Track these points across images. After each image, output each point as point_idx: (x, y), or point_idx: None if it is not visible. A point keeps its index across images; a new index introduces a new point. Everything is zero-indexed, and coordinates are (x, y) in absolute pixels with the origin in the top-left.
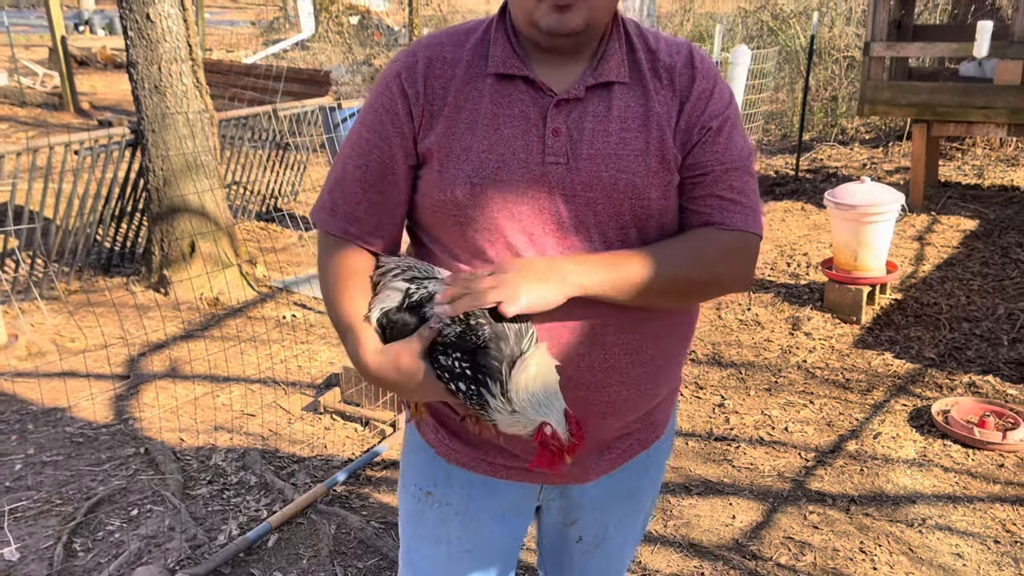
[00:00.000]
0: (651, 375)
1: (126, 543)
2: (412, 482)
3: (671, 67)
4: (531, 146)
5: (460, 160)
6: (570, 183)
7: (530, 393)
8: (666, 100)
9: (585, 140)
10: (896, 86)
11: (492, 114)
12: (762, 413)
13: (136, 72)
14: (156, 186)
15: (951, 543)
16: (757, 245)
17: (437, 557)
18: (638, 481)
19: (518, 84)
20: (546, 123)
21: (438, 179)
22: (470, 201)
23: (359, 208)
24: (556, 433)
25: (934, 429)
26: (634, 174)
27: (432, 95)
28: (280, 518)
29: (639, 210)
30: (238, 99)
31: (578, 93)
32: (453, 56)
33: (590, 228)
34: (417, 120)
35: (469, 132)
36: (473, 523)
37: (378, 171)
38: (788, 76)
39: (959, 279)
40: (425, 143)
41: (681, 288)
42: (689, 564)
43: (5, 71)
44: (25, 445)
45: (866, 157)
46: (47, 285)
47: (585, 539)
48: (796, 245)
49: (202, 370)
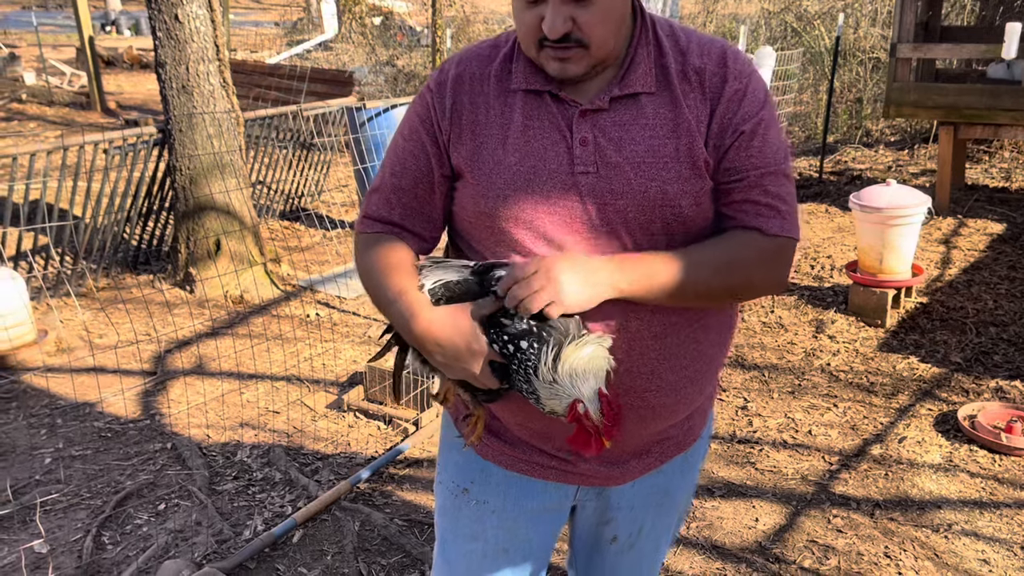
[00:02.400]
0: (690, 380)
1: (154, 537)
2: (450, 478)
3: (701, 70)
4: (560, 157)
5: (492, 174)
6: (600, 191)
7: (573, 367)
8: (695, 104)
9: (612, 148)
10: (923, 88)
11: (522, 127)
12: (785, 416)
13: (164, 72)
14: (183, 185)
15: (977, 549)
16: (793, 249)
17: (473, 555)
18: (674, 483)
19: (544, 98)
20: (573, 134)
21: (472, 192)
22: (503, 212)
23: (394, 213)
24: (588, 412)
25: (960, 434)
26: (665, 181)
27: (461, 109)
28: (305, 514)
29: (670, 217)
30: (262, 99)
31: (602, 104)
32: (482, 71)
33: (621, 235)
34: (446, 132)
35: (500, 146)
36: (509, 522)
37: (413, 177)
38: (812, 77)
39: (986, 283)
40: (456, 157)
41: (715, 291)
42: (712, 566)
43: (33, 71)
44: (55, 439)
45: (891, 159)
46: (76, 282)
47: (620, 539)
48: (820, 248)
49: (228, 367)
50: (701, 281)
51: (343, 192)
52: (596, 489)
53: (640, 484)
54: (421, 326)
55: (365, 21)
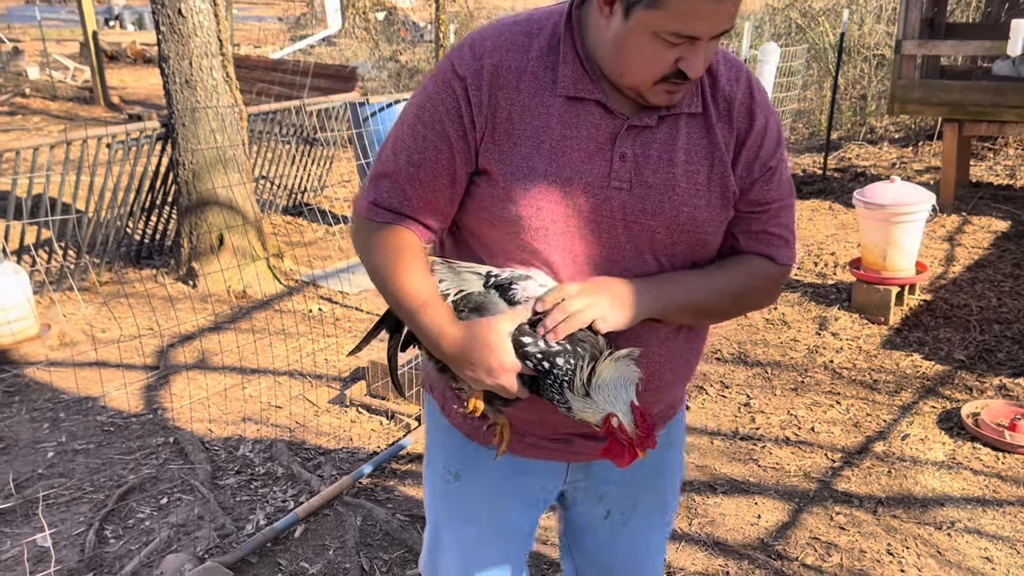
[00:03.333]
0: (683, 377)
1: (156, 531)
2: (440, 463)
3: (730, 98)
4: (597, 169)
5: (525, 180)
6: (632, 209)
7: (606, 382)
8: (724, 132)
9: (650, 168)
10: (928, 84)
11: (560, 135)
12: (788, 413)
13: (167, 67)
14: (185, 179)
15: (980, 546)
16: (790, 273)
17: (468, 539)
18: (658, 455)
19: (589, 106)
20: (615, 147)
21: (501, 195)
22: (532, 222)
23: (407, 204)
24: (623, 425)
25: (964, 432)
26: (696, 208)
27: (496, 106)
28: (307, 509)
29: (695, 242)
30: (265, 94)
31: (651, 121)
32: (519, 65)
33: (645, 253)
34: (480, 130)
35: (535, 152)
36: (502, 504)
37: (433, 170)
38: (816, 74)
39: (990, 280)
40: (487, 157)
41: (730, 312)
42: (714, 563)
43: (37, 65)
44: (57, 433)
45: (895, 156)
46: (79, 276)
47: (613, 515)
48: (824, 244)
49: (230, 362)
50: (721, 305)
51: (346, 187)
52: (584, 466)
53: None
54: (451, 343)
55: (368, 16)
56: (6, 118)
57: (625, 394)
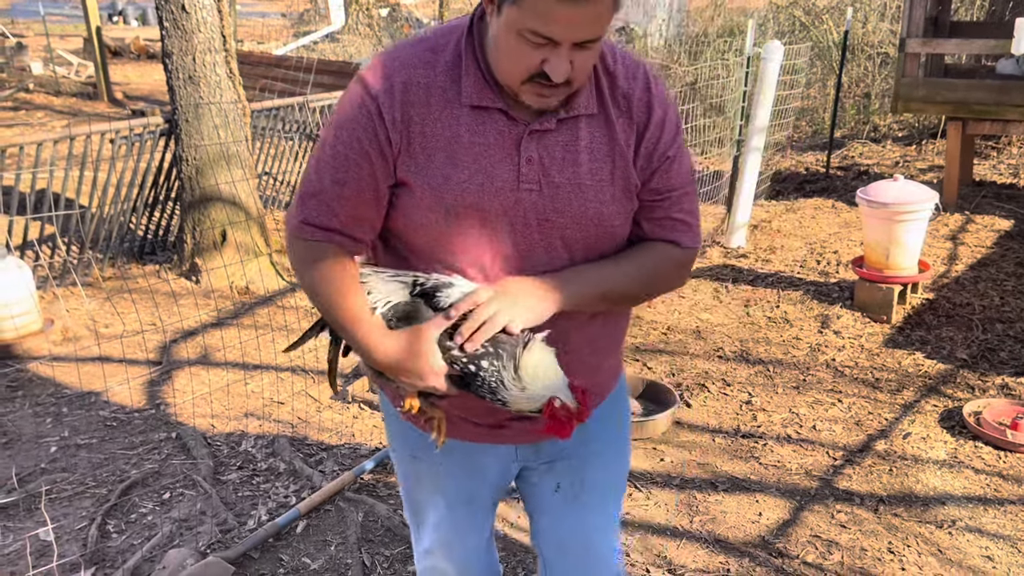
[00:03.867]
0: (604, 357)
1: (158, 526)
2: (400, 447)
3: (628, 95)
4: (506, 173)
5: (441, 189)
6: (543, 208)
7: (537, 372)
8: (624, 128)
9: (556, 168)
10: (932, 83)
11: (469, 143)
12: (790, 411)
13: (171, 62)
14: (189, 175)
15: (981, 545)
16: (696, 255)
17: (439, 505)
18: (601, 431)
19: (493, 114)
20: (520, 152)
21: (420, 203)
22: (450, 226)
23: (336, 220)
24: (565, 404)
25: (965, 430)
26: (601, 203)
27: (409, 121)
28: (308, 505)
29: (603, 235)
30: (269, 90)
31: (549, 125)
32: (427, 80)
33: (558, 249)
34: (396, 146)
35: (448, 161)
36: (462, 481)
37: (356, 187)
38: (820, 72)
39: (993, 279)
40: (404, 169)
41: (639, 296)
42: (715, 560)
43: (40, 60)
44: (60, 428)
45: (899, 155)
46: (82, 271)
47: (563, 487)
48: (826, 243)
49: (233, 357)
50: (628, 290)
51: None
52: (534, 445)
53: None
54: (382, 356)
55: (372, 12)
56: (9, 113)
57: (558, 377)
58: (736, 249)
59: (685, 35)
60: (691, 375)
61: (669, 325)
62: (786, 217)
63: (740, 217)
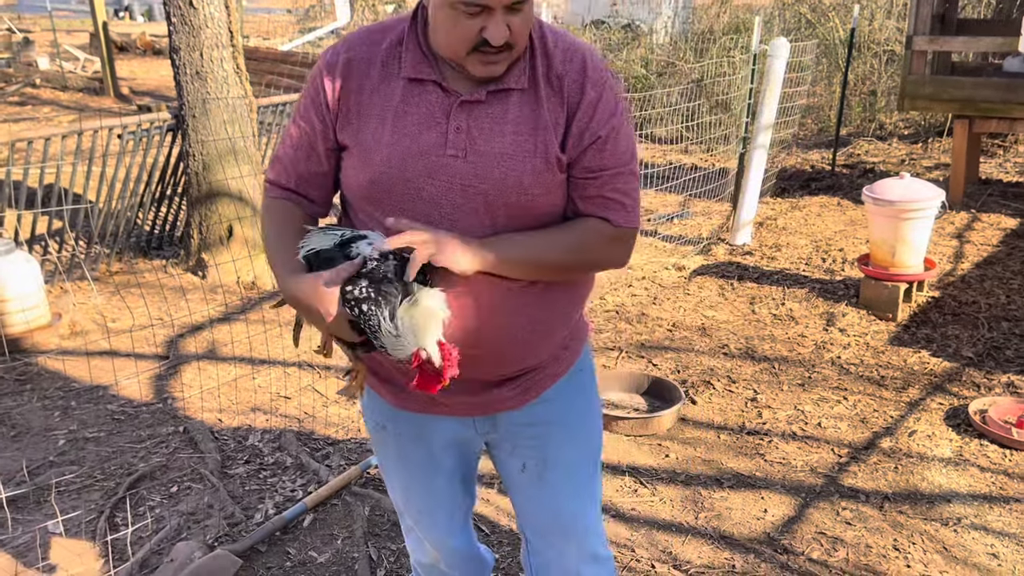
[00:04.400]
0: (537, 331)
1: (166, 519)
2: (370, 418)
3: (561, 76)
4: (434, 140)
5: (371, 151)
6: (465, 174)
7: (412, 321)
8: (555, 107)
9: (483, 138)
10: (938, 81)
11: (403, 111)
12: (795, 408)
13: (178, 57)
14: (195, 170)
15: (986, 543)
16: (635, 236)
17: (405, 474)
18: (561, 412)
19: (428, 86)
20: (450, 120)
21: (355, 165)
22: (379, 186)
23: (291, 180)
24: (430, 358)
25: (971, 428)
26: (521, 173)
27: (349, 91)
28: (315, 499)
29: (524, 202)
30: (274, 86)
31: (480, 96)
32: (370, 55)
33: (480, 214)
34: (334, 112)
35: (380, 126)
36: (425, 448)
37: (305, 151)
38: (826, 70)
39: (999, 278)
40: (343, 134)
41: (569, 267)
42: (720, 556)
43: (47, 55)
44: (69, 421)
45: (904, 153)
46: (90, 266)
47: (527, 467)
48: (832, 240)
49: (240, 352)
50: (557, 260)
51: None
52: (491, 420)
53: (528, 411)
54: (288, 290)
55: (377, 8)
56: (17, 108)
57: (431, 331)
58: (741, 246)
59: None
60: (696, 372)
61: (674, 322)
62: (791, 215)
63: (745, 214)
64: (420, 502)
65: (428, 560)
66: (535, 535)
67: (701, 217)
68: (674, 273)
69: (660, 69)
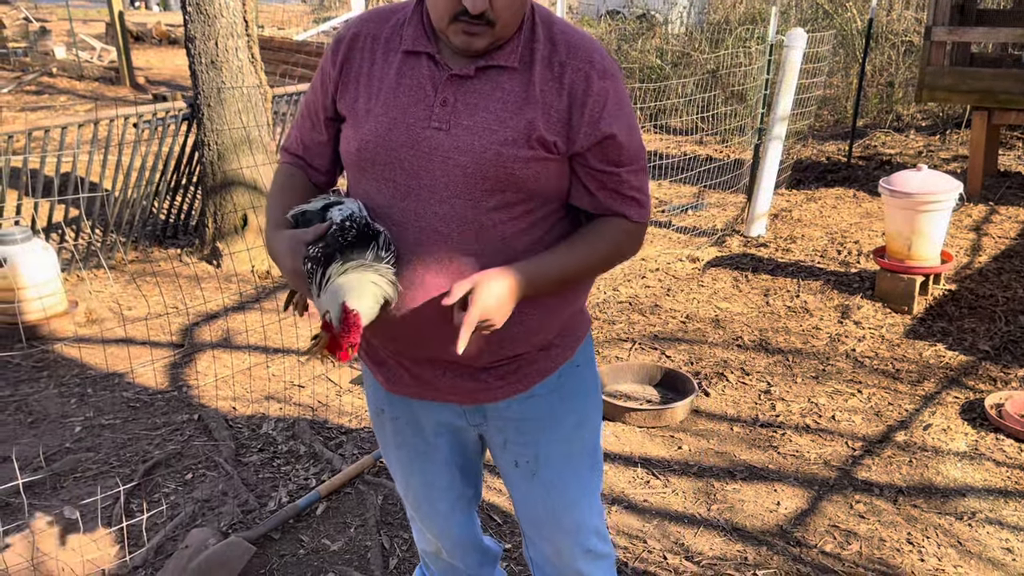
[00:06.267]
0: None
1: (181, 506)
2: (370, 403)
3: (564, 63)
4: (420, 112)
5: (362, 121)
6: (447, 147)
7: (335, 286)
8: (550, 91)
9: (467, 112)
10: (957, 72)
11: (395, 83)
12: (809, 401)
13: (194, 47)
14: (210, 160)
15: (1001, 537)
16: (646, 228)
17: (402, 459)
18: (551, 408)
19: (422, 59)
20: (437, 93)
21: (348, 135)
22: (364, 155)
23: (299, 147)
24: (330, 322)
25: (987, 423)
26: (502, 146)
27: (351, 63)
28: (328, 487)
29: (503, 176)
30: (289, 75)
31: (468, 71)
32: (376, 32)
33: (459, 186)
34: (334, 83)
35: (373, 97)
36: (420, 433)
37: (310, 121)
38: (843, 61)
39: (1016, 271)
40: (341, 104)
41: (594, 273)
42: (732, 548)
43: (63, 45)
44: (85, 408)
45: (922, 144)
46: (106, 254)
47: (520, 464)
48: (847, 233)
49: (255, 341)
50: (586, 269)
51: None
52: (480, 410)
53: (517, 407)
54: (268, 243)
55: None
56: (33, 97)
57: (350, 298)
58: (756, 238)
59: (706, 22)
60: (710, 364)
61: (688, 314)
62: (807, 206)
63: (761, 206)
64: (419, 489)
65: (431, 549)
66: (531, 530)
67: (716, 208)
68: (688, 265)
69: (675, 59)
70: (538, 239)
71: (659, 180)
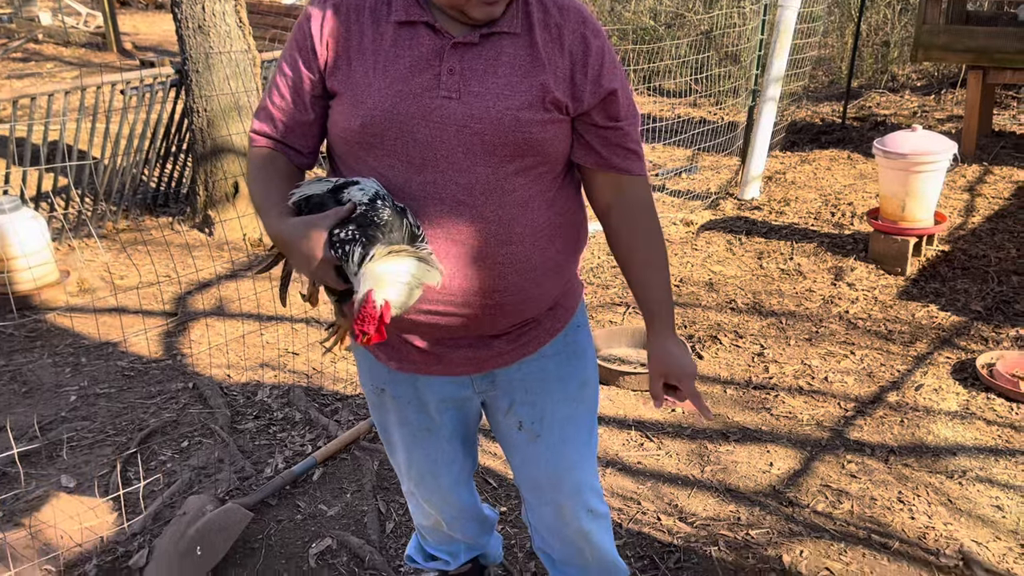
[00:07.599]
0: (535, 283)
1: (178, 473)
2: (367, 381)
3: (560, 25)
4: (426, 82)
5: (362, 95)
6: (460, 115)
7: (373, 270)
8: (553, 53)
9: (476, 79)
10: (953, 30)
11: (394, 55)
12: (802, 363)
13: (180, 11)
14: (200, 127)
15: (991, 495)
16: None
17: (405, 436)
18: (558, 368)
19: (419, 28)
20: (442, 62)
21: (344, 111)
22: (371, 130)
23: (277, 130)
24: (353, 305)
25: (978, 382)
26: (518, 110)
27: (337, 37)
28: (324, 453)
29: (521, 140)
30: (278, 40)
31: (473, 39)
32: (357, 3)
33: (479, 154)
34: (321, 58)
35: (372, 70)
36: (424, 409)
37: (291, 99)
38: (838, 20)
39: (1010, 231)
40: (332, 80)
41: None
42: (726, 508)
43: (49, 10)
44: (79, 377)
45: (917, 105)
46: (96, 223)
47: (524, 425)
48: (841, 194)
49: (248, 308)
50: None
51: None
52: (489, 376)
53: (524, 368)
54: (277, 231)
55: None
56: (19, 64)
57: (382, 286)
58: (750, 201)
59: None
60: (703, 327)
61: (681, 277)
62: (801, 168)
63: (754, 168)
64: (422, 465)
65: (429, 523)
66: (532, 492)
67: (709, 171)
68: (682, 228)
69: (668, 20)
70: (551, 199)
71: (652, 143)
